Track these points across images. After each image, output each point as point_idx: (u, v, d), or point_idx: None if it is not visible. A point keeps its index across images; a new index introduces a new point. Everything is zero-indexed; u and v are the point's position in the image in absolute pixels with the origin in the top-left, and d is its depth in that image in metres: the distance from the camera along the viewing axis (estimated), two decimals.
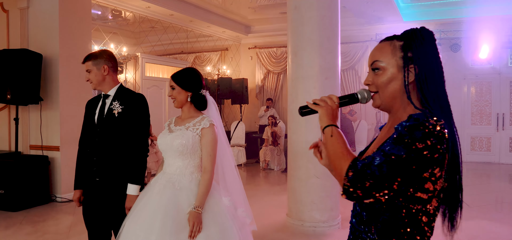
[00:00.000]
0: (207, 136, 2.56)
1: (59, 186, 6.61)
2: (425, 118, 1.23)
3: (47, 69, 6.67)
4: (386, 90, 1.37)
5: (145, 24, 11.03)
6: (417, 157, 1.18)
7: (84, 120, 3.07)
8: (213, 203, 2.51)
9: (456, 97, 10.50)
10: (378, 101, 1.41)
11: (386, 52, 1.38)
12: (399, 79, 1.35)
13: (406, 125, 1.22)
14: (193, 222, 2.37)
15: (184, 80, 2.62)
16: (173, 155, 2.57)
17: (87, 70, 2.94)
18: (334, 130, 1.36)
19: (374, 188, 1.20)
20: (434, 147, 1.20)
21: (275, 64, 12.21)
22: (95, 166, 2.90)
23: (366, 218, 1.35)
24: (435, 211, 1.33)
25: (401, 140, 1.20)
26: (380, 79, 1.38)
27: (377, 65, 1.38)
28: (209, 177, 2.52)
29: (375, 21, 10.51)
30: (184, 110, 2.66)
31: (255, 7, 10.86)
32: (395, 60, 1.36)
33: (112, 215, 2.89)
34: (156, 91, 9.79)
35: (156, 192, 2.52)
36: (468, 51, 10.09)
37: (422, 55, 1.33)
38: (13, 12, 6.98)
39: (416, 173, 1.20)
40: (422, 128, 1.20)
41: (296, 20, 5.08)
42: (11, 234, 5.04)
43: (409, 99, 1.33)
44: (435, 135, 1.20)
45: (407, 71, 1.33)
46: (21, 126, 6.80)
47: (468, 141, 10.81)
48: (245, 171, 9.93)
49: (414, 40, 1.35)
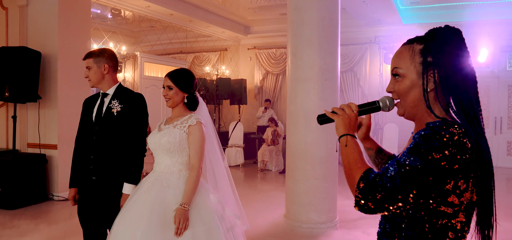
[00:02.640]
0: (194, 133, 2.57)
1: (56, 185, 6.59)
2: (443, 126, 1.16)
3: (46, 67, 6.65)
4: (407, 98, 1.30)
5: (145, 23, 11.02)
6: (434, 168, 1.12)
7: (81, 118, 3.06)
8: (200, 201, 2.52)
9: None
10: (401, 110, 1.34)
11: (405, 57, 1.31)
12: (419, 86, 1.27)
13: (422, 134, 1.16)
14: (179, 219, 2.37)
15: (182, 81, 2.63)
16: (161, 153, 2.59)
17: (87, 67, 2.93)
18: (349, 140, 1.32)
19: (386, 201, 1.14)
20: (453, 157, 1.13)
21: (274, 65, 12.21)
22: (92, 164, 2.90)
23: (389, 230, 1.30)
24: (464, 226, 1.23)
25: (417, 150, 1.14)
26: (400, 87, 1.31)
27: (397, 71, 1.31)
28: (196, 175, 2.52)
29: (374, 23, 10.52)
30: (176, 110, 2.68)
31: (254, 8, 10.86)
32: (414, 66, 1.28)
33: (107, 214, 2.88)
34: (154, 91, 9.78)
35: (144, 191, 2.54)
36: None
37: (443, 59, 1.23)
38: (12, 10, 6.97)
39: (434, 185, 1.13)
40: (438, 137, 1.13)
41: (296, 21, 5.08)
42: (8, 232, 5.03)
43: (429, 107, 1.25)
44: (454, 144, 1.13)
45: (426, 77, 1.25)
46: (19, 124, 6.79)
47: None
48: (243, 171, 9.93)
49: (434, 43, 1.26)
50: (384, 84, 11.10)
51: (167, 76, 2.65)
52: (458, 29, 1.28)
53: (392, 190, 1.13)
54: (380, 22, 10.36)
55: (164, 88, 2.65)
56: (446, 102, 1.25)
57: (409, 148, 1.17)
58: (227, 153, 10.31)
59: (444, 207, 1.18)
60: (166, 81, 2.64)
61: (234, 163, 10.27)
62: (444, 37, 1.25)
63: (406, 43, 1.34)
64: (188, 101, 2.68)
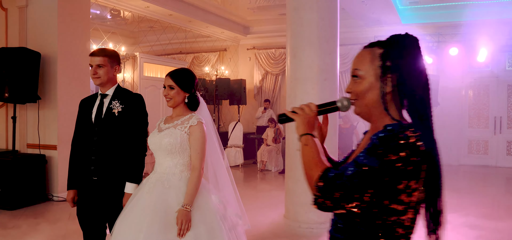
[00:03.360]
0: (196, 133, 2.55)
1: (56, 185, 6.60)
2: (400, 129, 1.20)
3: (45, 68, 6.65)
4: (364, 99, 1.34)
5: (144, 23, 11.01)
6: (390, 169, 1.17)
7: (78, 119, 3.03)
8: (202, 202, 2.50)
9: (454, 100, 10.53)
10: (357, 109, 1.38)
11: (365, 60, 1.35)
12: (376, 89, 1.31)
13: (380, 136, 1.20)
14: (181, 220, 2.36)
15: (184, 81, 2.62)
16: (162, 154, 2.57)
17: (99, 65, 2.86)
18: (309, 139, 1.36)
19: (344, 199, 1.19)
20: (407, 159, 1.18)
21: (274, 65, 12.22)
22: (93, 165, 2.88)
23: (342, 227, 1.34)
24: (412, 223, 1.31)
25: (374, 151, 1.19)
26: (359, 88, 1.35)
27: (357, 73, 1.35)
28: (198, 175, 2.51)
29: (373, 23, 10.53)
30: (177, 109, 2.66)
31: (254, 8, 10.86)
32: (373, 69, 1.32)
33: (109, 214, 2.88)
34: (154, 91, 9.79)
35: (145, 192, 2.53)
36: (467, 55, 10.11)
37: (401, 64, 1.29)
38: (12, 11, 6.97)
39: (389, 185, 1.18)
40: (396, 139, 1.18)
41: (295, 22, 5.09)
42: (8, 232, 5.03)
43: (386, 110, 1.30)
44: (410, 146, 1.18)
45: (384, 80, 1.30)
46: (19, 124, 6.78)
47: (465, 144, 10.84)
48: (242, 172, 9.93)
49: (394, 48, 1.31)
50: None
51: (168, 75, 2.62)
52: (416, 37, 1.33)
53: (350, 189, 1.18)
54: (380, 22, 10.37)
55: (165, 87, 2.62)
56: (401, 105, 1.30)
57: (368, 148, 1.21)
58: (227, 153, 10.31)
59: (395, 204, 1.23)
60: (167, 81, 2.61)
61: (234, 163, 10.28)
62: (403, 44, 1.31)
63: (367, 46, 1.38)
64: (189, 101, 2.66)
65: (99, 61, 2.87)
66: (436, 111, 7.33)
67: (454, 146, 10.68)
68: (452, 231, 5.21)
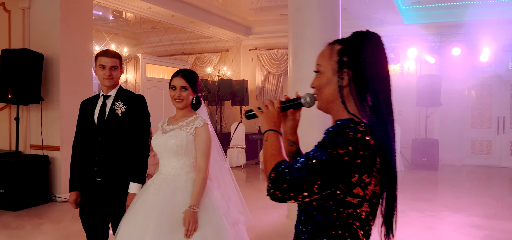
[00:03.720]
0: (201, 135, 2.56)
1: (59, 186, 6.61)
2: (350, 124, 1.24)
3: (48, 69, 6.67)
4: (323, 93, 1.39)
5: (146, 25, 11.04)
6: (338, 162, 1.20)
7: (79, 121, 3.03)
8: (207, 202, 2.51)
9: (457, 100, 10.51)
10: (319, 104, 1.42)
11: (325, 56, 1.40)
12: (333, 83, 1.35)
13: (330, 130, 1.24)
14: (188, 221, 2.37)
15: (194, 82, 2.63)
16: (168, 155, 2.57)
17: (113, 66, 2.89)
18: (271, 135, 1.40)
19: (292, 190, 1.24)
20: (355, 153, 1.20)
21: (276, 65, 12.22)
22: (96, 166, 2.88)
23: (303, 218, 1.39)
24: (369, 216, 1.33)
25: (324, 145, 1.22)
26: (318, 82, 1.40)
27: (318, 68, 1.41)
28: (204, 176, 2.51)
29: (375, 23, 10.50)
30: (182, 111, 2.66)
31: (255, 9, 10.87)
32: (330, 64, 1.37)
33: (112, 215, 2.89)
34: (156, 92, 9.80)
35: (151, 193, 2.53)
36: (469, 54, 10.09)
37: (358, 60, 1.31)
38: (15, 12, 7.00)
39: (338, 177, 1.22)
40: (344, 133, 1.21)
41: (297, 22, 5.09)
42: (11, 232, 5.04)
43: (343, 103, 1.33)
44: (357, 140, 1.21)
45: (340, 75, 1.33)
46: (22, 125, 6.81)
47: (468, 144, 10.81)
48: (245, 172, 9.93)
49: (352, 45, 1.34)
50: None
51: (181, 76, 2.60)
52: (377, 34, 1.35)
53: (297, 181, 1.22)
54: (382, 22, 10.35)
55: (175, 88, 2.59)
56: (357, 100, 1.32)
57: (320, 142, 1.25)
58: (229, 154, 10.32)
59: (350, 197, 1.27)
60: (180, 82, 2.58)
61: (236, 163, 10.28)
62: (362, 40, 1.33)
63: (330, 43, 1.42)
64: (195, 101, 2.68)
65: (114, 63, 2.89)
66: (439, 111, 7.36)
67: (457, 146, 10.65)
68: (456, 232, 5.21)
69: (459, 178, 9.23)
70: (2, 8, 7.12)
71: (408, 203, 6.63)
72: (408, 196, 7.31)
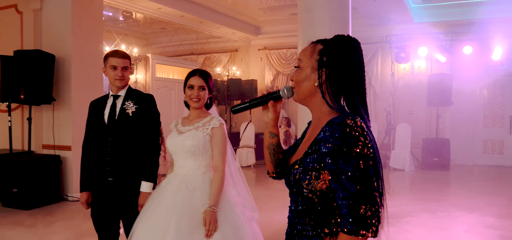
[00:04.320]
0: (218, 135, 2.58)
1: (70, 185, 6.68)
2: (347, 119, 1.33)
3: (60, 69, 6.75)
4: (301, 87, 1.49)
5: (156, 25, 11.10)
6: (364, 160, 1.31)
7: (88, 121, 3.04)
8: (225, 201, 2.52)
9: (468, 99, 10.39)
10: (296, 96, 1.52)
11: (306, 53, 1.49)
12: (311, 79, 1.46)
13: (334, 136, 1.32)
14: (209, 221, 2.38)
15: (210, 82, 2.66)
16: (185, 156, 2.58)
17: (124, 67, 2.91)
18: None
19: (373, 210, 1.32)
20: (367, 143, 1.32)
21: (285, 65, 12.20)
22: (108, 166, 2.89)
23: (300, 210, 1.45)
24: None
25: (342, 155, 1.30)
26: (298, 77, 1.49)
27: (299, 64, 1.50)
28: (222, 176, 2.52)
29: (385, 22, 10.45)
30: (196, 111, 2.66)
31: (265, 9, 10.86)
32: (311, 62, 1.47)
33: (124, 214, 2.90)
34: (166, 92, 9.85)
35: (168, 194, 2.53)
36: (481, 53, 9.97)
37: (335, 61, 1.43)
38: (27, 14, 7.08)
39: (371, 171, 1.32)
40: (348, 129, 1.31)
41: (306, 22, 5.07)
42: (23, 231, 5.11)
43: (323, 97, 1.44)
44: (363, 134, 1.32)
45: (319, 72, 1.44)
46: (34, 125, 6.89)
47: (480, 144, 10.68)
48: (254, 172, 9.94)
49: (331, 47, 1.45)
50: (396, 83, 11.03)
51: (199, 76, 2.61)
52: (356, 40, 1.48)
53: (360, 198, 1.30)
54: (392, 21, 10.29)
55: (193, 88, 2.59)
56: (333, 96, 1.44)
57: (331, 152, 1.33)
58: (239, 153, 10.33)
59: None
60: (198, 81, 2.59)
61: (246, 163, 10.29)
62: (341, 44, 1.45)
63: (313, 42, 1.52)
64: (209, 101, 2.71)
65: (125, 63, 2.92)
66: (451, 110, 7.27)
67: (468, 146, 10.54)
68: (469, 232, 5.16)
69: (471, 178, 9.13)
70: (14, 9, 7.21)
71: (420, 204, 6.58)
72: (419, 197, 7.26)
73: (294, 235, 1.49)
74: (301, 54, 1.51)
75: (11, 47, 6.86)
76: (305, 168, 1.41)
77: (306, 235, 1.43)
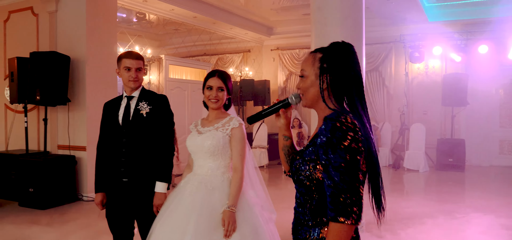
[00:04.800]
0: (237, 135, 2.59)
1: (85, 185, 6.76)
2: (340, 115, 1.47)
3: (75, 71, 6.83)
4: (308, 93, 1.65)
5: (169, 26, 11.17)
6: (351, 154, 1.43)
7: (103, 122, 3.06)
8: (244, 203, 2.53)
9: (484, 99, 10.23)
10: (304, 102, 1.68)
11: (308, 63, 1.65)
12: (316, 85, 1.61)
13: (327, 129, 1.46)
14: (228, 221, 2.38)
15: (229, 83, 2.66)
16: (204, 156, 2.59)
17: (138, 68, 2.92)
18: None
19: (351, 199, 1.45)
20: (356, 139, 1.44)
21: (298, 65, 12.16)
22: (123, 166, 2.91)
23: (303, 201, 1.61)
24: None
25: (332, 146, 1.44)
26: (304, 85, 1.65)
27: (303, 73, 1.66)
28: (241, 176, 2.53)
29: (399, 22, 10.36)
30: (216, 111, 2.67)
31: (277, 9, 10.85)
32: (313, 70, 1.62)
33: (139, 215, 2.92)
34: (179, 93, 9.90)
35: (187, 194, 2.54)
36: (497, 52, 9.81)
37: (335, 66, 1.58)
38: (43, 16, 7.19)
39: (359, 164, 1.45)
40: (339, 124, 1.44)
41: (319, 21, 5.05)
42: (40, 230, 5.19)
43: (324, 101, 1.59)
44: (351, 129, 1.44)
45: (321, 78, 1.59)
46: (50, 126, 6.99)
47: (496, 144, 10.51)
48: (267, 173, 9.94)
49: (330, 54, 1.60)
50: (410, 83, 10.92)
51: (217, 77, 2.61)
52: (350, 44, 1.62)
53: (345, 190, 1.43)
54: (405, 20, 10.19)
55: (212, 89, 2.60)
56: (335, 99, 1.59)
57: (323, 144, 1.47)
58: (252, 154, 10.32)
59: None
60: (216, 82, 2.60)
61: (259, 164, 10.29)
62: (338, 50, 1.60)
63: (312, 52, 1.67)
64: (228, 102, 2.71)
65: (138, 64, 2.93)
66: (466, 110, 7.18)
67: (484, 146, 10.38)
68: (486, 234, 5.08)
69: (487, 179, 8.99)
70: (30, 12, 7.33)
71: (435, 205, 6.50)
72: (434, 198, 7.18)
73: (297, 225, 1.65)
74: (304, 64, 1.66)
75: (27, 49, 6.98)
76: (304, 159, 1.57)
77: (307, 225, 1.59)
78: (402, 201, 6.81)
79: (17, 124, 7.41)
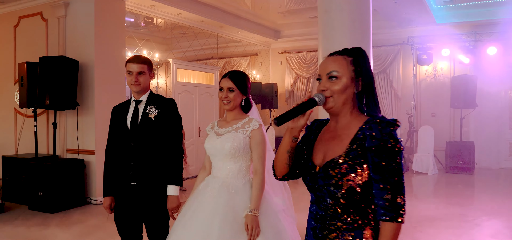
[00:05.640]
0: (257, 137, 2.54)
1: (94, 189, 6.80)
2: (388, 120, 1.54)
3: (83, 75, 6.89)
4: (341, 96, 1.61)
5: (177, 30, 11.21)
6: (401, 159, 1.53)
7: (111, 126, 3.06)
8: (267, 207, 2.48)
9: (494, 101, 10.14)
10: (331, 104, 1.62)
11: (341, 64, 1.62)
12: (351, 88, 1.62)
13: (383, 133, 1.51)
14: (251, 225, 2.33)
15: (242, 83, 2.59)
16: (224, 158, 2.55)
17: (139, 72, 2.90)
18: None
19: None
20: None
21: (305, 68, 12.16)
22: (131, 170, 2.91)
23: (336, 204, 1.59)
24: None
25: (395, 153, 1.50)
26: (336, 87, 1.61)
27: (335, 74, 1.61)
28: (262, 179, 2.48)
29: (406, 24, 10.31)
30: (233, 113, 2.63)
31: (284, 12, 10.86)
32: (349, 72, 1.61)
33: (148, 219, 2.92)
34: (187, 96, 9.94)
35: (208, 196, 2.49)
36: (506, 53, 9.72)
37: (366, 70, 1.64)
38: (52, 21, 7.27)
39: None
40: (392, 128, 1.53)
41: (326, 24, 5.05)
42: (49, 234, 5.22)
43: (360, 103, 1.64)
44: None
45: (357, 82, 1.62)
46: (59, 130, 7.05)
47: (506, 146, 10.40)
48: None
49: (360, 58, 1.64)
50: (418, 85, 10.85)
51: (227, 78, 2.57)
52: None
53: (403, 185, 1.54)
54: (413, 22, 10.14)
55: (223, 90, 2.57)
56: (368, 101, 1.64)
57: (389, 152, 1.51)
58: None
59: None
60: (226, 83, 2.56)
61: None
62: (363, 54, 1.65)
63: (337, 54, 1.65)
64: (245, 103, 2.65)
65: (140, 68, 2.90)
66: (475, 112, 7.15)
67: (494, 148, 10.28)
68: (495, 238, 5.03)
69: (497, 182, 8.90)
70: (40, 17, 7.41)
71: (444, 208, 6.45)
72: (444, 200, 7.12)
73: (323, 230, 1.62)
74: (336, 65, 1.62)
75: (36, 54, 7.06)
76: (352, 163, 1.54)
77: (339, 229, 1.58)
78: (411, 204, 6.77)
79: (27, 128, 7.48)
